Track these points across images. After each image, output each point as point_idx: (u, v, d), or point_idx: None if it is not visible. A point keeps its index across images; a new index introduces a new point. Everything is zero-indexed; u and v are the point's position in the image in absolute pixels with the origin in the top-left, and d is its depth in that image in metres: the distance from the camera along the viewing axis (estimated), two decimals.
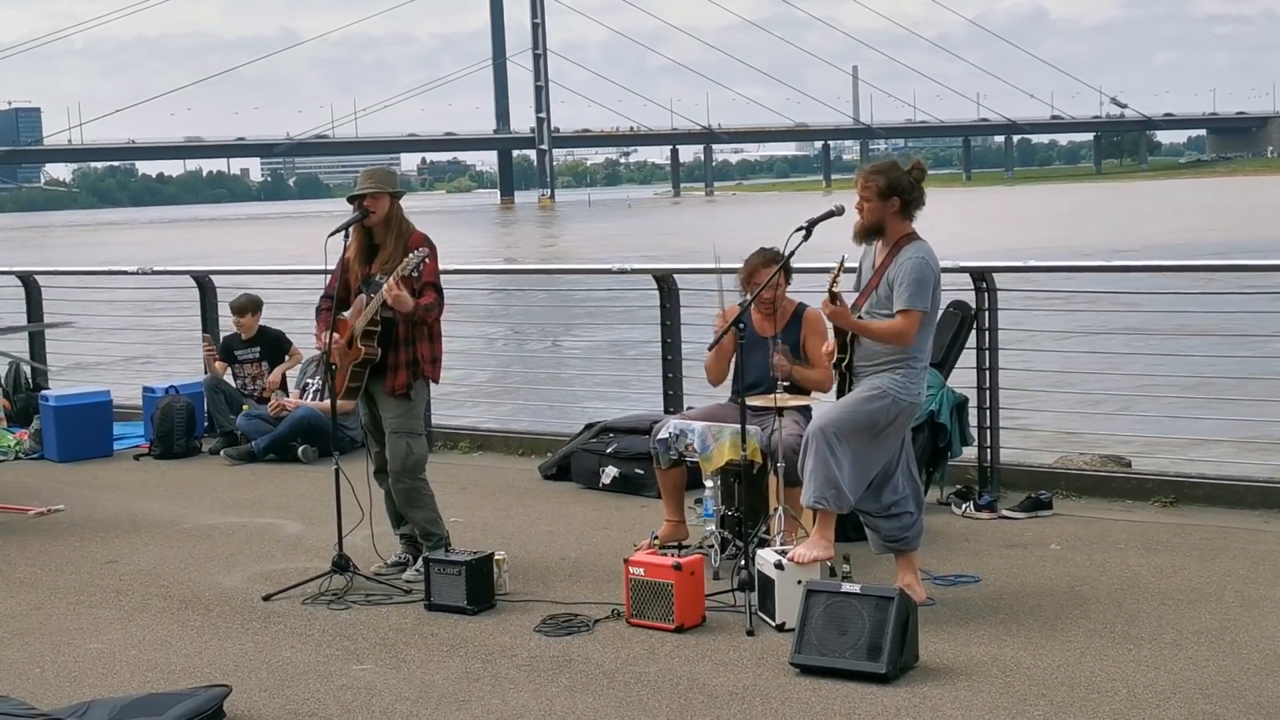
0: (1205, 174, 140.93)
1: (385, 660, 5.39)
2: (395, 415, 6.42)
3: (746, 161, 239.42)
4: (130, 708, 4.64)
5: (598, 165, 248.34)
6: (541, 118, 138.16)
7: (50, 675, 5.35)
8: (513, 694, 4.97)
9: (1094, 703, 4.67)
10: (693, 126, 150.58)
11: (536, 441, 9.70)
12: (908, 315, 5.56)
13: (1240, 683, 4.82)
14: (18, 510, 8.31)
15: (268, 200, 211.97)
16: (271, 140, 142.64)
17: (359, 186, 6.39)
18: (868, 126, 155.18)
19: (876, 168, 5.71)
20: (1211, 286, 10.29)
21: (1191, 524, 7.11)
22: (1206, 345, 11.13)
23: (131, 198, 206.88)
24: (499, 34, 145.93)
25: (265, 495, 8.64)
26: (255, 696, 5.01)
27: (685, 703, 4.81)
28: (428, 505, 6.53)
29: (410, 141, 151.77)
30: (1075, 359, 10.33)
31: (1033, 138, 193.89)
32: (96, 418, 10.19)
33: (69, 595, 6.48)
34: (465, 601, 5.90)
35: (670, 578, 5.56)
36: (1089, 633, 5.40)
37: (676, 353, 9.06)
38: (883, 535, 5.86)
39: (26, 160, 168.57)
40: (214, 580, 6.65)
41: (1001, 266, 8.23)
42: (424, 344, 6.43)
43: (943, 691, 4.81)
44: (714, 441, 6.45)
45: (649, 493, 7.89)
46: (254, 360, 10.39)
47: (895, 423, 5.68)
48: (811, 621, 5.06)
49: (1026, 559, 6.55)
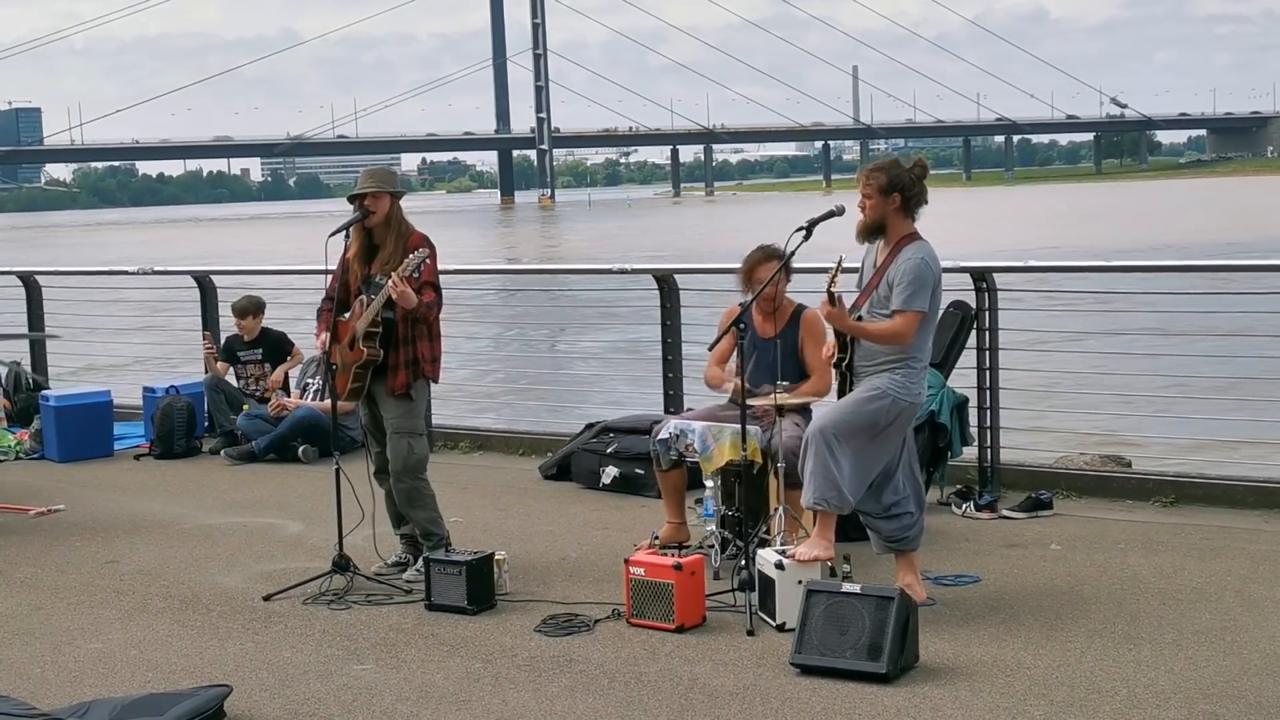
0: (1206, 174, 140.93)
1: (386, 660, 5.40)
2: (396, 415, 6.42)
3: (746, 161, 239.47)
4: (131, 708, 4.64)
5: (598, 165, 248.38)
6: (542, 118, 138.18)
7: (50, 675, 5.35)
8: (513, 694, 4.97)
9: (1094, 703, 4.67)
10: (693, 126, 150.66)
11: (537, 441, 9.71)
12: (905, 316, 5.57)
13: (1240, 682, 4.82)
14: (18, 510, 8.31)
15: (268, 200, 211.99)
16: (271, 140, 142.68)
17: (359, 186, 6.38)
18: (868, 126, 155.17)
19: (878, 165, 5.73)
20: (1212, 286, 10.29)
21: (1192, 524, 7.11)
22: (1208, 345, 11.12)
23: (132, 198, 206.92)
24: (499, 34, 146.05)
25: (265, 495, 8.64)
26: (256, 696, 5.01)
27: (686, 703, 4.81)
28: (429, 505, 6.53)
29: (410, 141, 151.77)
30: (1075, 359, 10.34)
31: (1033, 138, 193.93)
32: (97, 418, 10.19)
33: (69, 595, 6.48)
34: (466, 601, 5.90)
35: (670, 578, 5.56)
36: (1089, 633, 5.40)
37: (677, 353, 9.06)
38: (883, 535, 5.86)
39: (27, 160, 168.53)
40: (214, 580, 6.65)
41: (1001, 266, 8.24)
42: (424, 344, 6.43)
43: (943, 691, 4.82)
44: (714, 442, 6.45)
45: (649, 493, 7.89)
46: (256, 361, 10.39)
47: (895, 423, 5.68)
48: (812, 621, 5.06)
49: (1027, 559, 6.55)
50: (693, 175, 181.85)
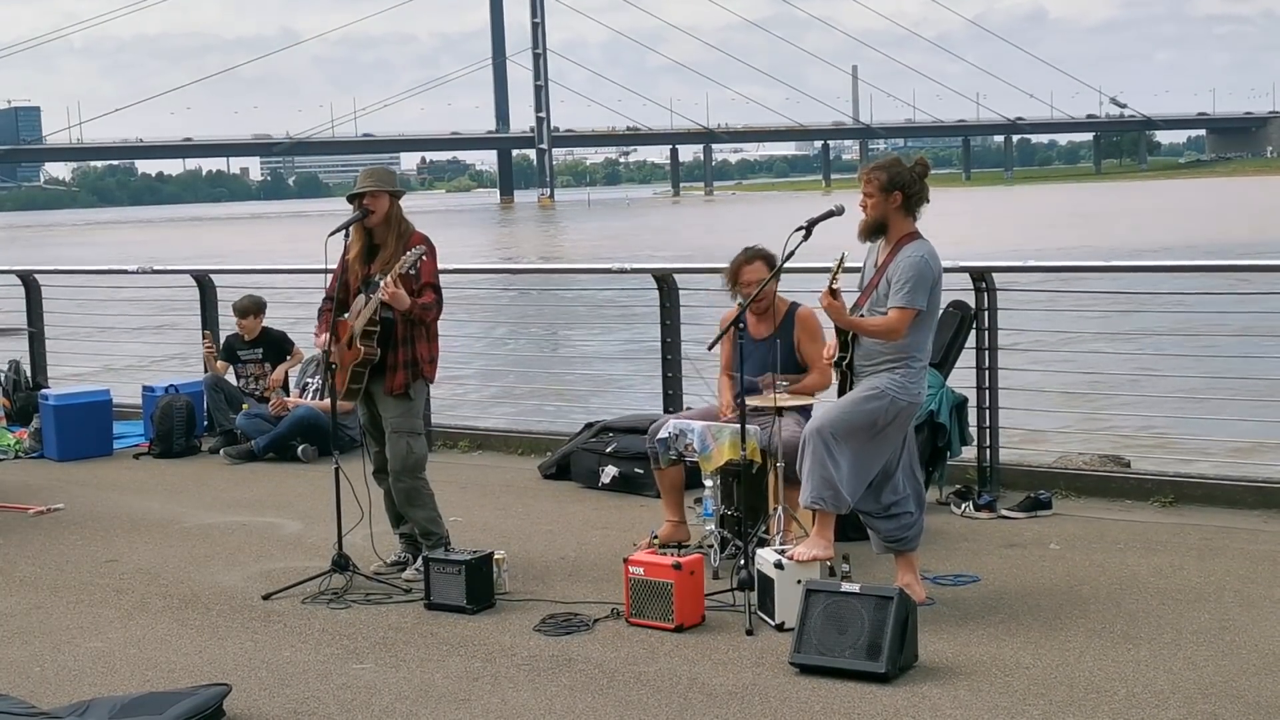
0: (1205, 174, 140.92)
1: (385, 659, 5.40)
2: (395, 415, 6.42)
3: (746, 161, 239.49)
4: (130, 706, 4.64)
5: (597, 165, 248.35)
6: (541, 117, 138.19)
7: (50, 674, 5.35)
8: (512, 693, 4.97)
9: (1093, 702, 4.68)
10: (692, 126, 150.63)
11: (536, 441, 9.71)
12: (900, 312, 5.56)
13: (1239, 682, 4.82)
14: (18, 509, 8.31)
15: (267, 199, 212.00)
16: (271, 139, 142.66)
17: (358, 185, 6.38)
18: (867, 126, 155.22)
19: (879, 163, 5.74)
20: (1213, 286, 10.28)
21: (1190, 524, 7.11)
22: (1207, 345, 11.13)
23: (131, 197, 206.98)
24: (499, 33, 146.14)
25: (265, 494, 8.64)
26: (255, 695, 5.02)
27: (685, 702, 4.81)
28: (428, 505, 6.53)
29: (410, 140, 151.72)
30: (1075, 359, 10.33)
31: (1032, 137, 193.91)
32: (96, 417, 10.19)
33: (69, 594, 6.48)
34: (465, 601, 5.90)
35: (670, 577, 5.57)
36: (1088, 633, 5.40)
37: (676, 352, 9.06)
38: (882, 535, 5.86)
39: (26, 159, 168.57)
40: (214, 579, 6.65)
41: (1001, 266, 8.24)
42: (423, 344, 6.44)
43: (942, 691, 4.82)
44: (713, 441, 6.46)
45: (648, 492, 7.89)
46: (257, 361, 10.39)
47: (894, 422, 5.68)
48: (811, 621, 5.06)
49: (1026, 559, 6.55)
50: (692, 175, 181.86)
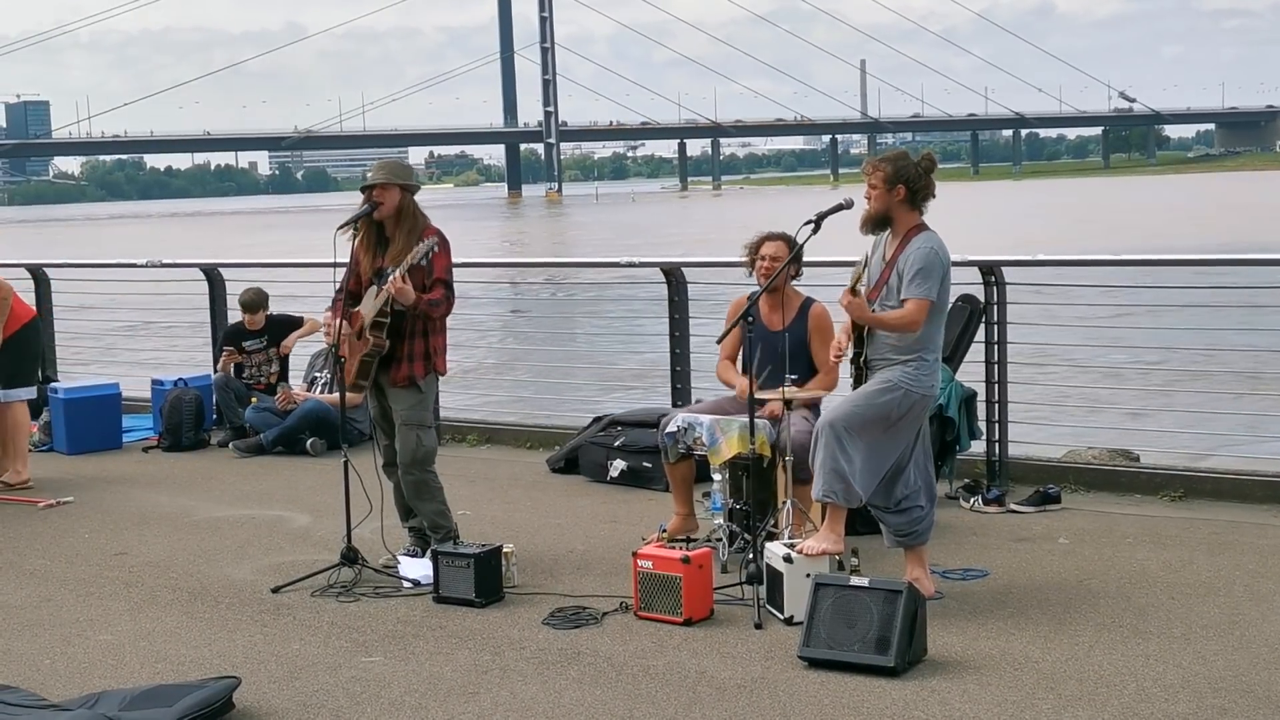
0: (1214, 168, 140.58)
1: (394, 652, 5.40)
2: (405, 407, 6.42)
3: (754, 155, 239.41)
4: (140, 699, 4.65)
5: (605, 159, 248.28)
6: (549, 111, 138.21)
7: (60, 666, 5.36)
8: (521, 686, 4.97)
9: (1102, 696, 4.67)
10: (700, 120, 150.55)
11: (544, 434, 9.71)
12: (916, 303, 5.56)
13: (1249, 677, 4.81)
14: (27, 502, 8.34)
15: (276, 194, 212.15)
16: (279, 133, 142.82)
17: (370, 177, 6.38)
18: (875, 120, 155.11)
19: (885, 156, 5.73)
20: (1223, 280, 10.24)
21: (1200, 518, 7.10)
22: (1217, 339, 11.11)
23: (140, 191, 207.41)
24: (506, 28, 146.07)
25: (274, 488, 8.65)
26: (264, 688, 5.02)
27: (693, 695, 4.82)
28: (437, 498, 6.54)
29: (418, 135, 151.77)
30: (1084, 353, 10.33)
31: (1040, 132, 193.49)
32: (105, 410, 10.21)
33: (78, 587, 6.50)
34: (474, 594, 5.91)
35: (678, 571, 5.57)
36: (1097, 627, 5.40)
37: (685, 346, 9.06)
38: (892, 529, 5.86)
39: (35, 153, 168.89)
40: (223, 572, 6.66)
41: (1010, 260, 8.22)
42: (434, 337, 6.43)
43: (951, 685, 4.82)
44: (722, 435, 6.45)
45: (657, 486, 7.89)
46: (262, 349, 10.40)
47: (908, 416, 5.67)
48: (820, 615, 5.06)
49: (1035, 553, 6.55)
50: (699, 169, 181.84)
